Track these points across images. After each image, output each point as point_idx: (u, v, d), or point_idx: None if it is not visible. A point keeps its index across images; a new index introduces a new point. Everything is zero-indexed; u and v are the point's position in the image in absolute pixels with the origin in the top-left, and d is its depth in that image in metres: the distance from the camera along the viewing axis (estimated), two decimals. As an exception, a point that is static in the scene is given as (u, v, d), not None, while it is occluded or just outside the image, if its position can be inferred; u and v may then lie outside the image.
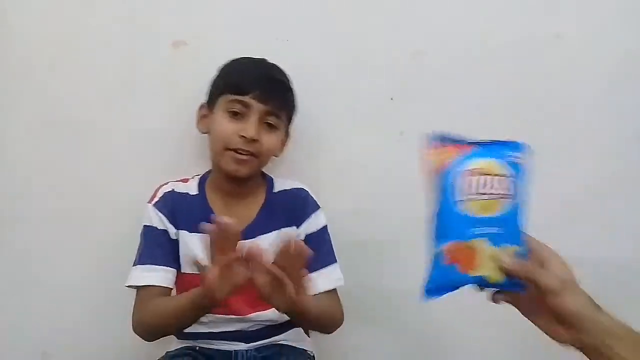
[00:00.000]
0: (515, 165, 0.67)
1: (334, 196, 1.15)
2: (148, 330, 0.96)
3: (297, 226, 1.06)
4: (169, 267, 1.01)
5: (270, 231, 1.04)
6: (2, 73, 1.17)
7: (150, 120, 1.17)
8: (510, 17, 1.18)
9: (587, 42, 1.19)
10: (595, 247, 1.21)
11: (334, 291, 1.02)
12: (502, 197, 0.65)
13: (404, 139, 1.20)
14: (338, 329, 1.02)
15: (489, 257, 0.64)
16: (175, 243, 1.03)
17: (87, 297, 1.20)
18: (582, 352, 0.61)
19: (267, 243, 0.99)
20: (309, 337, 1.12)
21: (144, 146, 1.18)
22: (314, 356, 1.10)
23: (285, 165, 1.15)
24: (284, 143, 1.10)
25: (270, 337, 1.06)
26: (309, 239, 1.04)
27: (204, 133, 1.08)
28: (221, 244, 0.76)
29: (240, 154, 1.00)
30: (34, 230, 1.19)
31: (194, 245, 1.01)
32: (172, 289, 1.02)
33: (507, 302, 0.66)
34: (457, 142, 0.67)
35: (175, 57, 1.13)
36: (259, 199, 1.07)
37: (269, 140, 1.02)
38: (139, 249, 1.01)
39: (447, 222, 0.64)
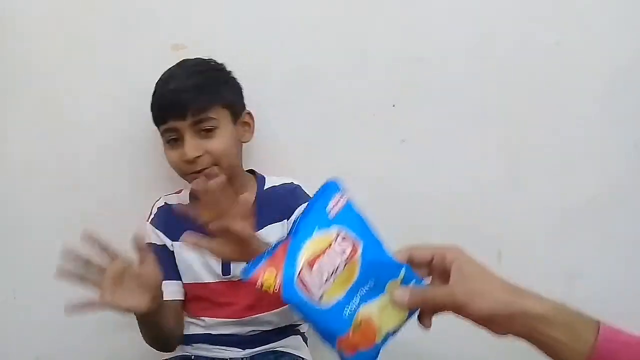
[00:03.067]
0: (339, 216, 0.60)
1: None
2: (149, 344, 0.99)
3: (288, 219, 1.04)
4: (175, 280, 1.04)
5: (261, 227, 1.00)
6: (3, 76, 1.18)
7: (149, 123, 1.17)
8: (511, 24, 1.18)
9: (587, 50, 1.18)
10: (596, 259, 1.21)
11: None
12: (350, 258, 0.58)
13: (405, 146, 1.19)
14: None
15: (382, 312, 0.59)
16: (174, 255, 1.05)
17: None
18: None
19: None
20: (307, 345, 1.11)
21: (144, 149, 1.18)
22: (311, 364, 1.08)
23: (285, 172, 1.14)
24: (246, 129, 1.07)
25: (267, 344, 1.05)
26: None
27: None
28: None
29: (198, 173, 0.98)
30: (29, 233, 1.19)
31: (187, 254, 1.03)
32: (183, 300, 1.05)
33: (433, 317, 0.60)
34: (269, 254, 0.58)
35: (175, 60, 1.12)
36: (250, 197, 1.05)
37: (214, 144, 0.99)
38: None
39: (324, 326, 0.58)
